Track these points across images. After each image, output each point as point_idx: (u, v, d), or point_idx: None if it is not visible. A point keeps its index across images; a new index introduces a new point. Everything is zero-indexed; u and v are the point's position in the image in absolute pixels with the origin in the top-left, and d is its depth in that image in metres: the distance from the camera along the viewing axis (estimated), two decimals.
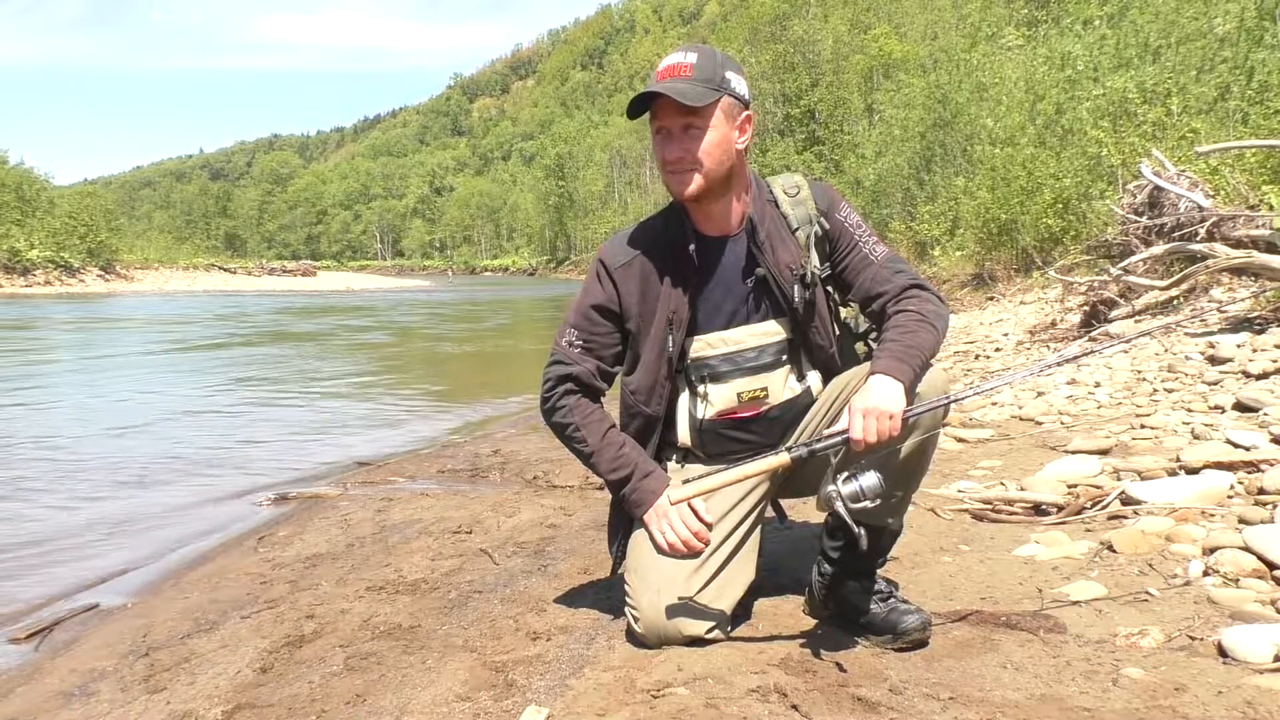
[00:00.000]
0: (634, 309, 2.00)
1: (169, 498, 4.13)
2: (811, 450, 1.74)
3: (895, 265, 1.98)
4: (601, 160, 79.68)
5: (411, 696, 1.75)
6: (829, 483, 1.68)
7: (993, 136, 13.87)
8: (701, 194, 1.91)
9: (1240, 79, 10.01)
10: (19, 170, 47.20)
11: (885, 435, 1.66)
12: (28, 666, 2.22)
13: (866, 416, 1.66)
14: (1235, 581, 1.98)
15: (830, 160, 32.86)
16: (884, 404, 1.67)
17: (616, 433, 2.04)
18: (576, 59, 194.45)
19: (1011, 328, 7.81)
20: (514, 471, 4.25)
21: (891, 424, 1.65)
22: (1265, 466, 2.64)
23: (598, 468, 2.01)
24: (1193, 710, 1.47)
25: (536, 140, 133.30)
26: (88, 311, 22.59)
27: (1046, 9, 19.21)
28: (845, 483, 1.66)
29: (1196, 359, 4.32)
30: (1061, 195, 10.38)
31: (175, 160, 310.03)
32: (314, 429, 6.04)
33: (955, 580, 2.20)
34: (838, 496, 1.65)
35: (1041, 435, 3.74)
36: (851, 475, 1.66)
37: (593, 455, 2.00)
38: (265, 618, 2.35)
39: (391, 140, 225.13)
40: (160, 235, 79.92)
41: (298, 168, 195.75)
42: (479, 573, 2.60)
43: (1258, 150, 6.51)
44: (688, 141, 1.86)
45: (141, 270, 48.09)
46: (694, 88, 1.83)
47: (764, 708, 1.56)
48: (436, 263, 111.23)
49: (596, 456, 2.00)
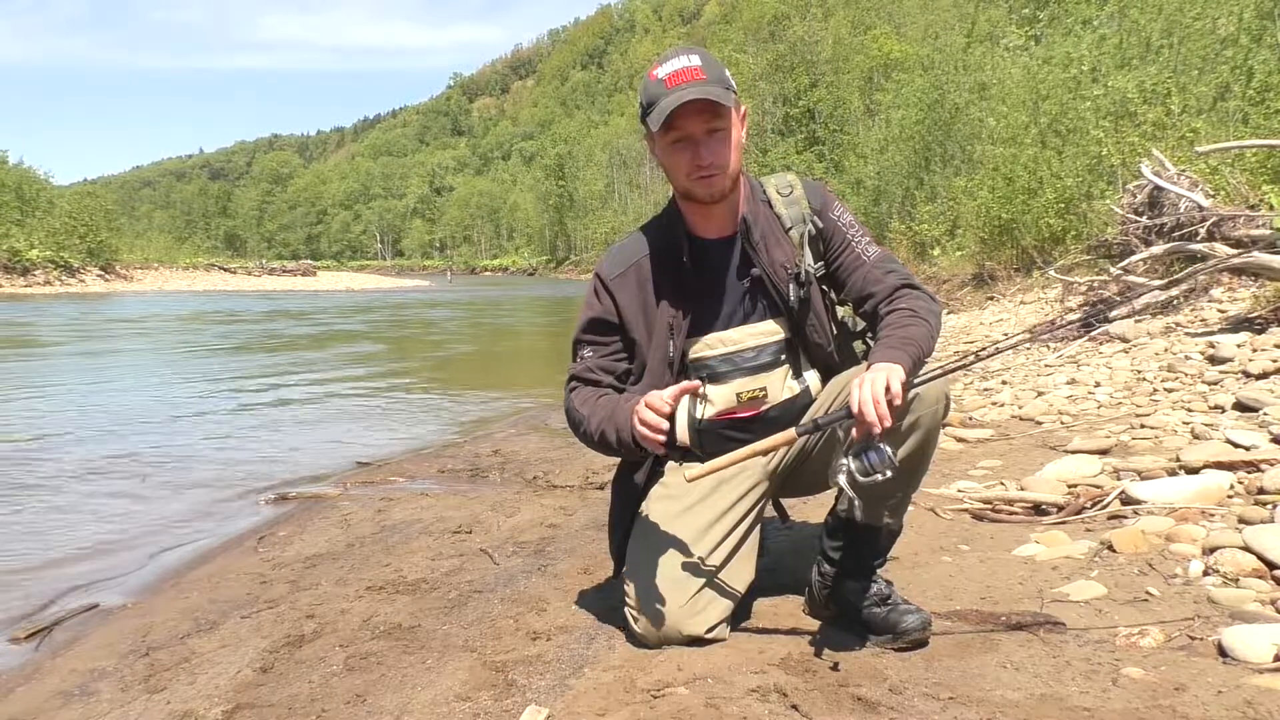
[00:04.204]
0: (634, 319, 2.00)
1: (169, 497, 4.13)
2: (816, 424, 1.74)
3: (887, 265, 1.98)
4: (601, 160, 79.62)
5: (411, 696, 1.75)
6: (839, 457, 1.67)
7: (994, 136, 13.86)
8: (726, 194, 1.92)
9: (1240, 79, 10.01)
10: (19, 170, 47.18)
11: (887, 406, 1.61)
12: (28, 666, 2.22)
13: (864, 387, 1.63)
14: (1235, 581, 1.98)
15: (830, 160, 32.85)
16: (884, 378, 1.64)
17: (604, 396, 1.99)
18: (576, 59, 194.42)
19: (1011, 327, 7.81)
20: (514, 471, 4.25)
21: (891, 395, 1.61)
22: (1265, 466, 2.64)
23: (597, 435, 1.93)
24: (1193, 710, 1.47)
25: (536, 140, 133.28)
26: (87, 312, 22.59)
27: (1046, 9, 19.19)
28: (855, 457, 1.65)
29: (1196, 359, 4.32)
30: (1063, 195, 10.38)
31: (175, 160, 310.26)
32: (314, 429, 6.03)
33: (955, 580, 2.20)
34: (845, 470, 1.64)
35: (1041, 435, 3.74)
36: (862, 450, 1.64)
37: (591, 428, 1.94)
38: (265, 618, 2.35)
39: (391, 140, 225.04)
40: (160, 235, 79.92)
41: (298, 168, 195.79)
42: (479, 573, 2.60)
43: (1258, 150, 6.51)
44: (715, 144, 1.86)
45: (141, 270, 48.06)
46: (716, 89, 1.81)
47: (764, 708, 1.56)
48: (436, 263, 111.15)
49: (589, 425, 1.94)
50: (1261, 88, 9.41)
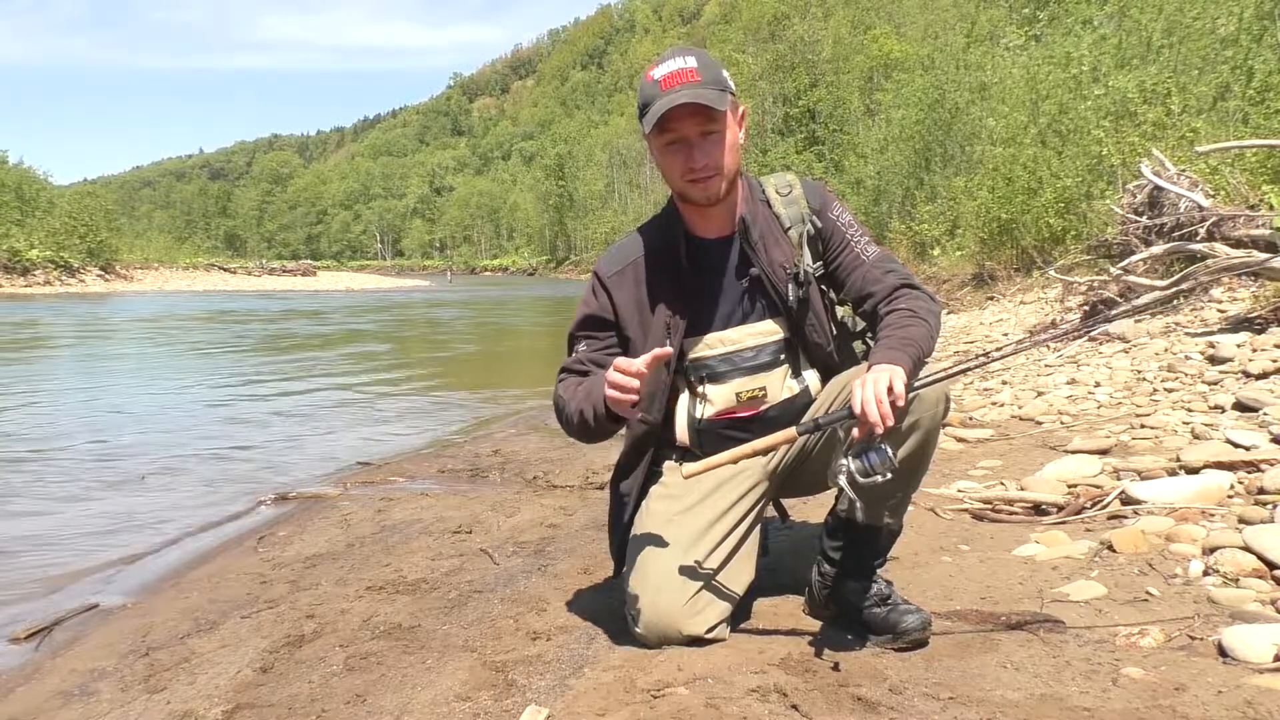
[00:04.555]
0: (630, 317, 2.00)
1: (169, 497, 4.13)
2: (817, 423, 1.74)
3: (887, 265, 1.98)
4: (601, 160, 79.62)
5: (411, 696, 1.75)
6: (839, 457, 1.67)
7: (994, 136, 13.86)
8: (723, 196, 1.92)
9: (1240, 79, 10.00)
10: (19, 170, 47.17)
11: (888, 406, 1.61)
12: (28, 666, 2.22)
13: (866, 386, 1.63)
14: (1235, 581, 1.98)
15: (830, 160, 32.85)
16: (886, 378, 1.64)
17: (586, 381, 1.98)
18: (576, 59, 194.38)
19: (1011, 327, 7.81)
20: (514, 471, 4.25)
21: (894, 396, 1.61)
22: (1265, 466, 2.64)
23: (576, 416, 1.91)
24: (1193, 710, 1.47)
25: (536, 140, 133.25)
26: (87, 311, 22.59)
27: (1046, 8, 19.18)
28: (855, 458, 1.65)
29: (1196, 359, 4.32)
30: (1063, 195, 10.37)
31: (175, 160, 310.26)
32: (314, 429, 6.03)
33: (955, 580, 2.20)
34: (845, 470, 1.64)
35: (1041, 435, 3.74)
36: (862, 451, 1.65)
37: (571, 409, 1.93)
38: (265, 618, 2.35)
39: (391, 140, 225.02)
40: (160, 235, 79.87)
41: (298, 168, 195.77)
42: (479, 573, 2.60)
43: (1258, 150, 6.50)
44: (709, 147, 1.85)
45: (141, 270, 48.05)
46: (711, 91, 1.81)
47: (764, 708, 1.56)
48: (436, 262, 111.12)
49: (569, 409, 1.93)
50: (1261, 88, 9.41)
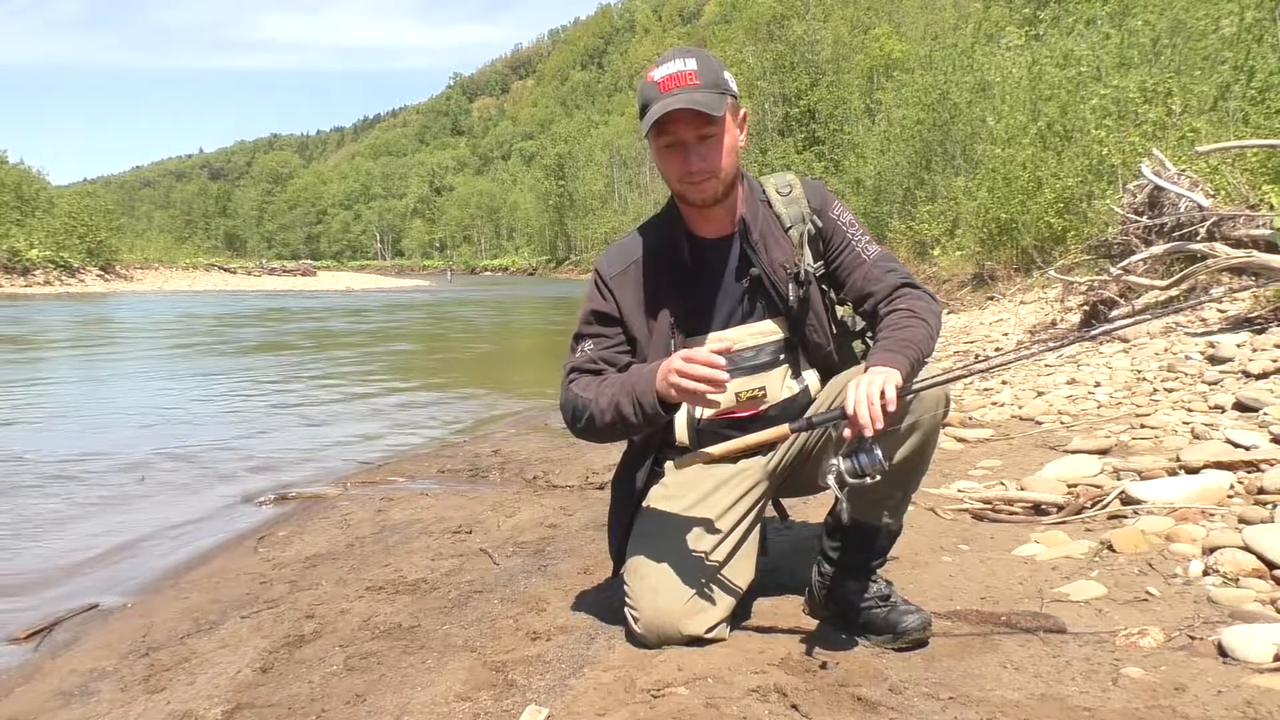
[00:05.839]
0: (633, 316, 1.99)
1: (168, 497, 4.13)
2: (810, 421, 1.75)
3: (887, 264, 1.98)
4: (601, 160, 79.64)
5: (411, 696, 1.75)
6: (830, 457, 1.68)
7: (994, 136, 13.86)
8: (720, 198, 1.91)
9: (1241, 79, 10.00)
10: (19, 170, 47.17)
11: (881, 409, 1.60)
12: (28, 666, 2.22)
13: (859, 388, 1.63)
14: (1235, 581, 1.98)
15: (830, 160, 32.84)
16: (881, 380, 1.63)
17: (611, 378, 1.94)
18: (576, 59, 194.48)
19: (1011, 327, 7.81)
20: (514, 471, 4.25)
21: (886, 399, 1.60)
22: (1265, 466, 2.64)
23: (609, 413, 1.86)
24: (1193, 710, 1.47)
25: (536, 140, 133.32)
26: (87, 311, 22.59)
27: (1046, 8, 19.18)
28: (846, 458, 1.65)
29: (1196, 359, 4.32)
30: (1063, 194, 10.37)
31: (175, 160, 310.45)
32: (314, 429, 6.04)
33: (955, 580, 2.19)
34: (835, 470, 1.65)
35: (1041, 435, 3.74)
36: (853, 451, 1.65)
37: (602, 405, 1.88)
38: (265, 618, 2.35)
39: (391, 140, 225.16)
40: (160, 235, 79.79)
41: (298, 167, 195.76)
42: (479, 573, 2.60)
43: (1258, 150, 6.50)
44: (706, 150, 1.85)
45: (141, 270, 48.06)
46: (708, 95, 1.81)
47: (764, 708, 1.56)
48: (436, 262, 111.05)
49: (598, 405, 1.88)
50: (1262, 88, 9.41)
